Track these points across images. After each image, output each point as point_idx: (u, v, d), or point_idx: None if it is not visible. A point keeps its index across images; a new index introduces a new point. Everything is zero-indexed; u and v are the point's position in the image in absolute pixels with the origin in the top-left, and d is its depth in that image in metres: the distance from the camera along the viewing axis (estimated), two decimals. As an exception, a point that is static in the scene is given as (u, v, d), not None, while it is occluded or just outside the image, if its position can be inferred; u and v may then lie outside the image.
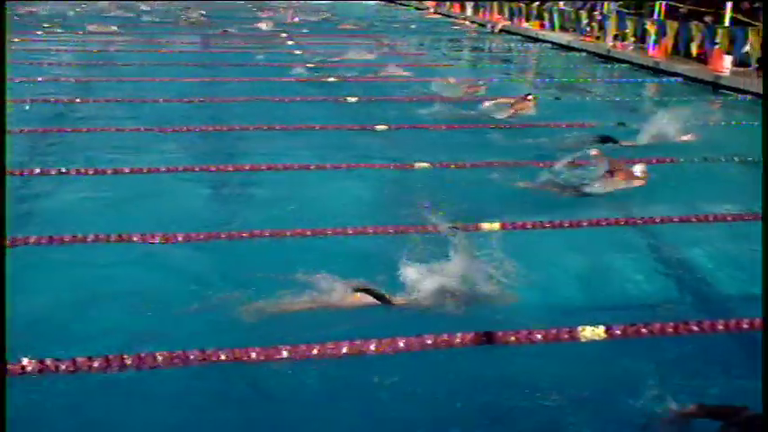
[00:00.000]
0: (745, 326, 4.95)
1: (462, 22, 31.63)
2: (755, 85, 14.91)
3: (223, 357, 4.43)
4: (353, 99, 13.00)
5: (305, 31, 25.59)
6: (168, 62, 17.05)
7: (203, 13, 29.86)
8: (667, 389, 4.45)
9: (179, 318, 5.18)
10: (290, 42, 21.77)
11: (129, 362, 4.33)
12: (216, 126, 10.92)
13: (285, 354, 4.48)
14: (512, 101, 12.24)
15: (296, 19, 29.51)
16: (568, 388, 4.44)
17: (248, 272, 5.87)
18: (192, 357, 4.39)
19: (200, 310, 5.32)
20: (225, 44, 21.30)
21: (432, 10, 37.64)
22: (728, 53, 16.56)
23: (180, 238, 6.35)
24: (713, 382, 4.56)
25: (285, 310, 5.26)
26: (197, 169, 8.55)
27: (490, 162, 9.04)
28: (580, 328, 4.71)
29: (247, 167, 8.66)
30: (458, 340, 4.60)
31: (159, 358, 4.36)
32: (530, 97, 12.38)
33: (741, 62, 16.55)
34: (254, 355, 4.46)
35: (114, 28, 23.83)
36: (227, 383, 4.44)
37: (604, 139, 10.00)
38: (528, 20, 27.30)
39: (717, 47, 16.98)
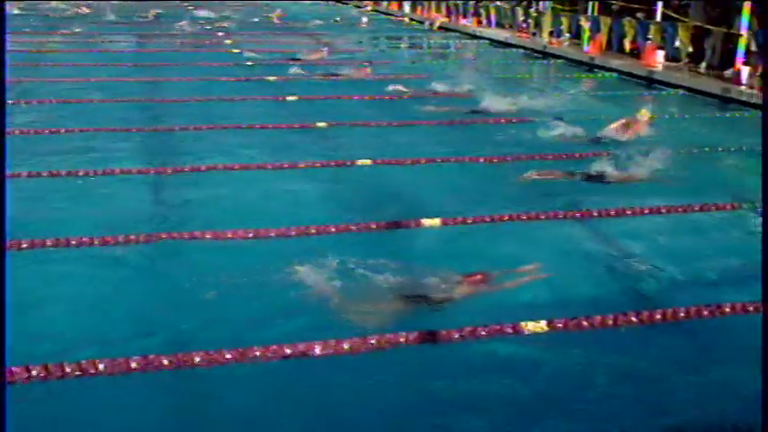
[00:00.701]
0: (682, 314, 5.08)
1: (401, 19, 31.72)
2: (687, 79, 15.31)
3: (165, 362, 4.36)
4: (293, 97, 12.94)
5: (242, 29, 25.36)
6: (104, 62, 16.74)
7: (158, 12, 29.44)
8: (609, 379, 4.56)
9: (119, 322, 5.10)
10: (227, 41, 21.55)
11: (68, 369, 4.23)
12: (154, 127, 10.75)
13: (229, 356, 4.43)
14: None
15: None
16: (514, 382, 4.50)
17: (190, 274, 5.81)
18: (133, 364, 4.31)
19: (140, 313, 5.24)
20: (162, 43, 20.99)
21: (370, 8, 37.67)
22: (660, 48, 16.97)
23: (120, 240, 6.24)
24: (652, 371, 4.69)
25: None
26: (135, 171, 8.41)
27: (432, 158, 9.09)
28: (523, 324, 4.77)
29: (187, 168, 8.54)
30: (402, 339, 4.61)
31: (101, 366, 4.27)
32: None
33: (673, 57, 16.97)
34: (197, 359, 4.40)
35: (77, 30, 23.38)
36: (170, 389, 4.38)
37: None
38: (465, 17, 27.53)
39: (649, 42, 17.37)
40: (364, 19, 29.87)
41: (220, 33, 23.49)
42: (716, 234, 7.15)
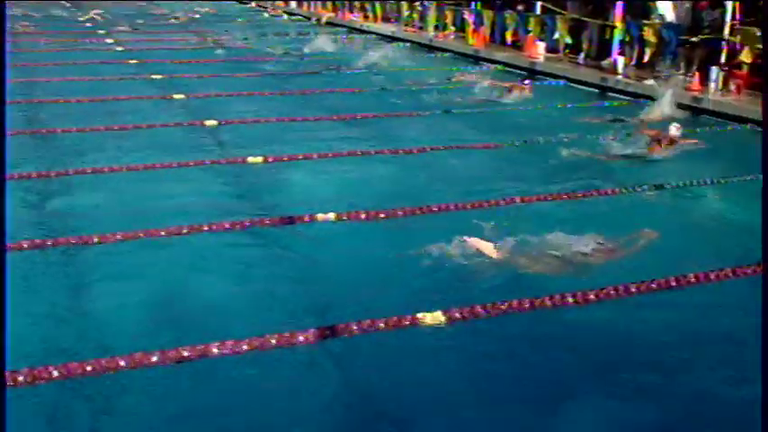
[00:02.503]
0: (570, 299, 5.26)
1: (285, 14, 31.53)
2: (567, 69, 15.86)
3: (55, 374, 4.21)
4: (180, 96, 12.69)
5: (124, 27, 24.63)
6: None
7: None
8: (507, 365, 4.69)
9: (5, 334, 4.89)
10: (109, 40, 20.88)
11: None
12: (34, 130, 10.34)
13: (123, 364, 4.32)
14: (508, 85, 13.26)
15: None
16: (414, 374, 4.57)
17: (77, 280, 5.65)
18: (20, 378, 4.15)
19: (27, 323, 5.04)
20: (38, 43, 20.15)
21: (253, 3, 37.28)
22: (541, 40, 17.49)
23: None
24: (546, 354, 4.85)
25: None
26: (16, 176, 8.05)
27: (324, 153, 9.09)
28: (420, 315, 4.83)
29: (71, 172, 8.25)
30: (301, 337, 4.61)
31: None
32: (526, 82, 13.67)
33: (552, 49, 17.51)
34: (89, 368, 4.27)
35: None
36: (60, 402, 4.24)
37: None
38: (352, 12, 27.62)
39: (530, 34, 17.87)
40: (237, 21, 29.13)
41: (101, 32, 22.74)
42: (599, 219, 7.43)
